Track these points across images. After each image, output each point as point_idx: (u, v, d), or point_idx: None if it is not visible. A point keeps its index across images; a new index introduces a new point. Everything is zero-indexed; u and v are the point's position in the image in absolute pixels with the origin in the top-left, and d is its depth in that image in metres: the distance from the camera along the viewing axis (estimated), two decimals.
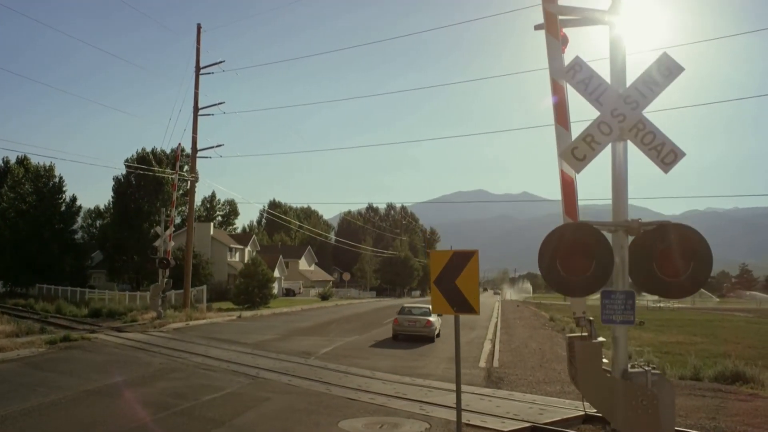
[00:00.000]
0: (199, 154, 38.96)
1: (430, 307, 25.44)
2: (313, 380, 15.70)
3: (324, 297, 68.88)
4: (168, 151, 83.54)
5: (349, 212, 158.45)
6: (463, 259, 7.99)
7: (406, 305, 31.53)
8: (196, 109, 38.80)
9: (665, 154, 5.56)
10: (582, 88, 5.72)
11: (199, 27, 39.55)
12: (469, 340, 28.05)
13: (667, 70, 5.59)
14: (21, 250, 66.19)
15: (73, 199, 75.67)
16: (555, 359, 21.26)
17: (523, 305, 73.68)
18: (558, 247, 5.73)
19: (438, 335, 28.42)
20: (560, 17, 6.05)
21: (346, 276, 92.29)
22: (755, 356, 28.61)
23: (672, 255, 5.39)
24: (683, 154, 5.57)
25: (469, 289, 7.99)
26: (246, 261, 74.36)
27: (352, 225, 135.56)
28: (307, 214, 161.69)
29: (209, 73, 39.04)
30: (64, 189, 74.00)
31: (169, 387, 14.51)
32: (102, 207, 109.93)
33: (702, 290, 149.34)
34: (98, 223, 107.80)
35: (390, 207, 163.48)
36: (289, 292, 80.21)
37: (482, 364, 20.17)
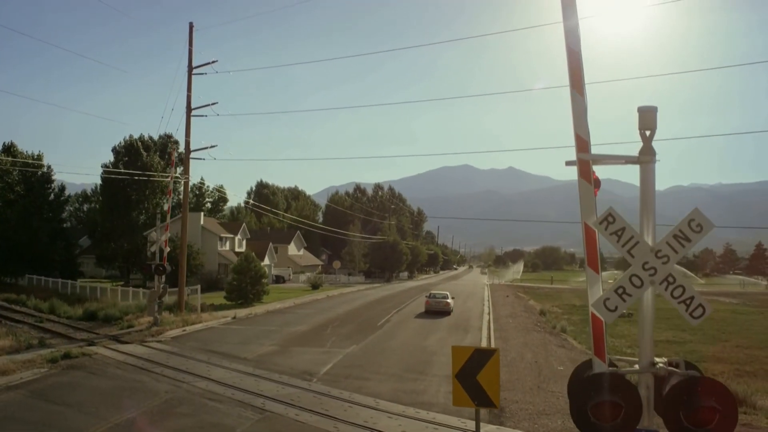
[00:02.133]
0: (192, 155, 38.79)
1: (447, 293, 48.10)
2: (320, 414, 15.96)
3: (314, 286, 69.18)
4: (156, 138, 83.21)
5: (337, 193, 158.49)
6: (483, 356, 8.23)
7: (432, 292, 49.76)
8: (189, 109, 38.58)
9: (693, 308, 5.79)
10: (614, 240, 5.94)
11: (191, 26, 39.22)
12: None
13: (699, 226, 5.82)
14: (10, 240, 65.91)
15: (62, 188, 75.39)
16: (552, 377, 21.64)
17: (512, 293, 74.24)
18: (588, 394, 5.97)
19: (451, 311, 44.57)
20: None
21: (336, 264, 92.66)
22: (744, 359, 29.31)
23: (699, 407, 5.65)
24: (711, 310, 5.81)
25: (489, 384, 8.22)
26: (236, 250, 74.49)
27: (340, 206, 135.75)
28: (295, 195, 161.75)
29: (202, 74, 38.79)
30: (52, 178, 73.64)
31: (180, 428, 14.75)
32: (89, 191, 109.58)
33: (685, 270, 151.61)
34: (86, 207, 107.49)
35: (378, 187, 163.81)
36: (278, 279, 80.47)
37: None
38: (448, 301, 45.15)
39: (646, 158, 6.07)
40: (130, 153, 76.35)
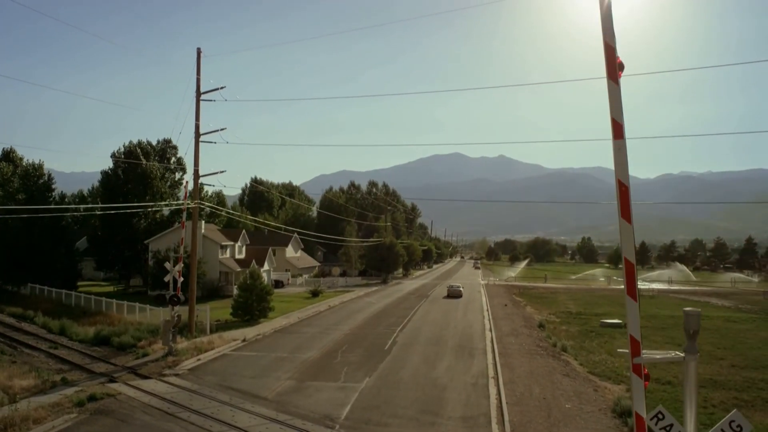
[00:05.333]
0: (201, 179, 39.43)
1: (459, 284, 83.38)
2: None
3: (314, 293, 70.04)
4: (154, 143, 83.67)
5: (331, 189, 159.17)
6: None
7: (451, 284, 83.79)
8: (197, 135, 39.20)
9: None
10: None
11: (199, 51, 39.71)
12: (473, 378, 29.31)
13: (738, 426, 6.68)
14: (12, 248, 66.42)
15: (63, 196, 75.83)
16: (562, 419, 22.55)
17: (509, 299, 75.32)
18: None
19: (462, 295, 75.36)
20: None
21: (336, 270, 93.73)
22: (741, 384, 30.33)
23: None
24: None
25: None
26: (236, 257, 75.22)
27: (334, 203, 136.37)
28: (289, 191, 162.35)
29: (210, 100, 39.36)
30: (53, 187, 74.03)
31: None
32: (86, 192, 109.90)
33: (684, 267, 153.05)
34: (82, 207, 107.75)
35: (372, 184, 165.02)
36: (278, 284, 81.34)
37: (495, 428, 21.43)
38: (461, 289, 78.76)
39: (690, 356, 6.95)
40: (129, 159, 76.80)
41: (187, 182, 39.37)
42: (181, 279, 34.55)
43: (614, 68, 7.00)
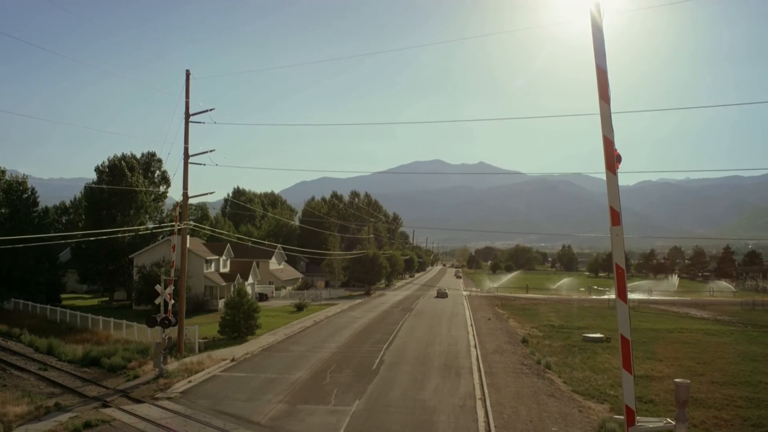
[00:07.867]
0: (190, 200, 39.77)
1: (446, 288, 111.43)
2: None
3: (299, 307, 70.29)
4: (139, 156, 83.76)
5: (313, 199, 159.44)
6: None
7: (438, 287, 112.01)
8: (186, 157, 39.59)
9: None
10: None
11: (188, 73, 40.11)
12: (461, 399, 29.76)
13: None
14: None
15: (46, 211, 75.62)
16: None
17: (492, 312, 76.11)
18: None
19: (448, 296, 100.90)
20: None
21: (321, 284, 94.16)
22: (721, 401, 31.18)
23: None
24: None
25: None
26: (221, 270, 75.41)
27: (316, 214, 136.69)
28: (272, 200, 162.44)
29: (199, 122, 39.73)
30: (37, 201, 73.80)
31: None
32: (68, 203, 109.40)
33: (673, 276, 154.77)
34: (65, 218, 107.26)
35: (354, 194, 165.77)
36: (262, 297, 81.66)
37: None
38: (447, 291, 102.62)
39: (680, 424, 7.59)
40: (113, 173, 76.84)
41: (177, 204, 39.63)
42: (172, 302, 34.89)
43: (612, 160, 7.65)
